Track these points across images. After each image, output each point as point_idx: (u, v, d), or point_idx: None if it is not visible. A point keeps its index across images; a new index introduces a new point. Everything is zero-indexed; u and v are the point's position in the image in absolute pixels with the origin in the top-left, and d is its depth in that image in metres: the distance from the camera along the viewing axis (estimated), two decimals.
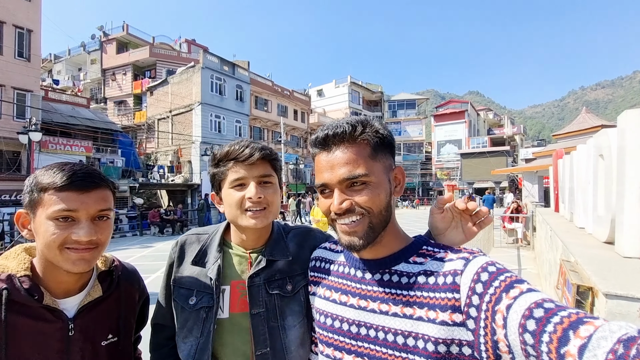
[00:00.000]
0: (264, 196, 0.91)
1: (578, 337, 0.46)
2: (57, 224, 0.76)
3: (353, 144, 0.72)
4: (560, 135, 12.78)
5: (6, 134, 14.21)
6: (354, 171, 0.70)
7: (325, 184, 0.74)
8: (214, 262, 0.94)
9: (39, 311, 0.78)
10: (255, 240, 0.97)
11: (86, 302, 0.86)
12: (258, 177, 0.92)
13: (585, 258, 2.12)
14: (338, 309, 0.79)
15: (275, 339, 0.89)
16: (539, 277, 5.86)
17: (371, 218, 0.72)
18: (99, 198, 0.81)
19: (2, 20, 14.93)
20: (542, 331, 0.49)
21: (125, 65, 28.18)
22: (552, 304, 0.52)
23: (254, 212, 0.90)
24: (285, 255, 0.96)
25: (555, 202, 6.54)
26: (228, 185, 0.92)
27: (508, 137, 43.40)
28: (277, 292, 0.92)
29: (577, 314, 0.49)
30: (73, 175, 0.77)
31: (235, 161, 0.91)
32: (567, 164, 4.81)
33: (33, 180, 0.79)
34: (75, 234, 0.77)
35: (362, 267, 0.79)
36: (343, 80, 41.04)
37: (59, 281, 0.83)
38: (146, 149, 26.40)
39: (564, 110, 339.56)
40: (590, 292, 1.68)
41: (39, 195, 0.77)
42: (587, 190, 3.30)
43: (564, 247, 2.78)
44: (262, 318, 0.90)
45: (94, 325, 0.87)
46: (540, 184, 12.76)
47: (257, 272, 0.93)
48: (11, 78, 15.03)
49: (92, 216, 0.80)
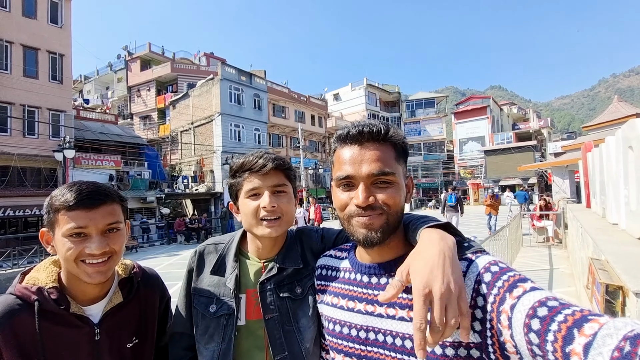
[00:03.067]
0: (278, 205, 0.93)
1: (583, 335, 0.45)
2: (71, 240, 0.83)
3: (384, 143, 0.75)
4: (591, 127, 12.09)
5: (43, 152, 15.19)
6: (385, 168, 0.72)
7: (351, 175, 0.74)
8: (232, 272, 0.97)
9: (67, 318, 0.85)
10: (270, 248, 0.99)
11: (109, 308, 0.92)
12: (272, 187, 0.94)
13: (615, 256, 2.00)
14: (346, 315, 0.79)
15: (292, 343, 0.91)
16: (572, 276, 5.55)
17: (388, 216, 0.73)
18: (106, 213, 0.86)
19: (37, 47, 16.06)
20: (546, 330, 0.48)
21: (149, 81, 29.50)
22: (556, 302, 0.51)
23: (269, 222, 0.92)
24: (297, 263, 0.98)
25: (587, 197, 6.20)
26: (244, 195, 0.96)
27: (534, 131, 41.51)
28: (288, 296, 0.94)
29: (581, 312, 0.48)
30: (79, 195, 0.84)
31: (250, 172, 0.94)
32: (597, 157, 4.56)
33: (48, 201, 0.87)
34: (88, 247, 0.83)
35: (368, 272, 0.79)
36: (359, 82, 40.91)
37: (82, 290, 0.90)
38: (170, 160, 27.41)
39: (594, 100, 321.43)
40: (620, 291, 1.59)
41: (54, 215, 0.85)
42: (618, 184, 3.11)
43: (594, 244, 2.64)
44: (277, 322, 0.92)
45: (118, 329, 0.93)
46: (572, 179, 12.10)
47: (267, 278, 0.95)
48: (46, 100, 16.10)
49: (101, 230, 0.86)
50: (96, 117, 21.50)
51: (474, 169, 39.46)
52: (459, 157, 41.44)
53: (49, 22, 16.63)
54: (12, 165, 14.65)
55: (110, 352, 0.90)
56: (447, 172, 42.10)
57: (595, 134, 10.93)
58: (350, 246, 0.90)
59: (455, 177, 41.25)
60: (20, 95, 15.30)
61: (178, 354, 1.03)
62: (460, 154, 41.39)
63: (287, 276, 0.97)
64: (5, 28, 15.12)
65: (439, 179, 40.59)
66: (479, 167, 38.52)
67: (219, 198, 21.69)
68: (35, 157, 15.14)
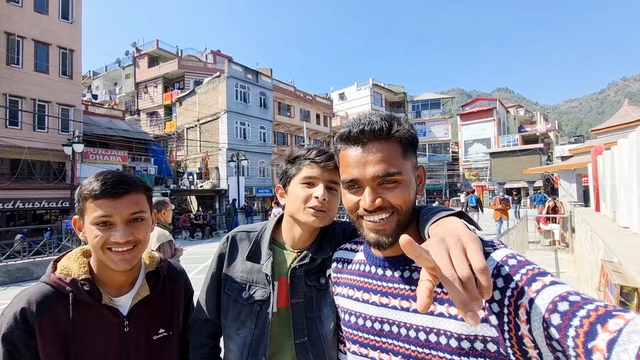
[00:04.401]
0: (328, 200, 0.96)
1: (607, 331, 0.43)
2: (98, 228, 0.86)
3: (388, 141, 0.72)
4: (600, 130, 11.96)
5: (53, 146, 15.39)
6: (389, 169, 0.70)
7: (356, 179, 0.73)
8: (267, 259, 1.00)
9: (99, 309, 0.88)
10: (306, 238, 1.02)
11: (137, 300, 0.95)
12: (328, 182, 0.97)
13: (629, 258, 2.00)
14: (361, 306, 0.80)
15: (313, 329, 0.94)
16: (580, 280, 5.52)
17: (399, 216, 0.72)
18: (130, 202, 0.89)
19: (48, 42, 16.25)
20: (567, 325, 0.47)
21: (156, 78, 29.69)
22: (578, 297, 0.50)
23: (316, 211, 0.95)
24: (327, 252, 1.01)
25: (596, 200, 6.15)
26: (300, 180, 0.98)
27: (541, 134, 41.16)
28: (314, 284, 0.98)
29: (605, 307, 0.46)
30: (105, 184, 0.86)
31: (312, 162, 0.98)
32: (608, 160, 4.53)
33: (79, 190, 0.90)
34: (114, 236, 0.86)
35: (383, 265, 0.80)
36: (365, 82, 40.81)
37: (111, 278, 0.92)
38: (176, 157, 27.58)
39: (603, 103, 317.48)
40: (635, 293, 1.59)
41: (83, 204, 0.88)
42: (631, 187, 3.10)
43: (605, 247, 2.63)
44: (301, 308, 0.96)
45: (146, 321, 0.96)
46: (579, 183, 12.00)
47: (300, 265, 0.99)
48: (56, 95, 16.29)
49: (126, 219, 0.88)
50: (104, 112, 21.69)
51: (479, 171, 39.21)
52: (464, 158, 41.20)
53: (60, 17, 16.81)
54: (22, 158, 14.86)
55: (137, 344, 0.93)
56: (452, 173, 41.88)
57: (605, 137, 10.81)
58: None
59: (460, 179, 41.04)
60: (31, 90, 15.50)
61: (200, 341, 1.04)
62: (465, 156, 41.15)
63: (316, 266, 1.00)
64: (17, 23, 15.30)
65: (444, 181, 40.39)
66: (484, 169, 38.28)
67: (224, 195, 21.79)
68: (44, 150, 15.33)
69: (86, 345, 0.85)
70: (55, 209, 16.44)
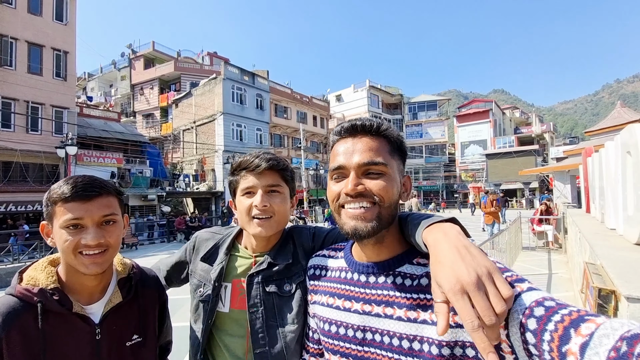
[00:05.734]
0: (270, 205, 0.95)
1: (579, 335, 0.44)
2: (68, 231, 0.84)
3: (377, 136, 0.75)
4: (593, 132, 12.03)
5: (46, 148, 15.28)
6: (375, 158, 0.72)
7: (342, 165, 0.74)
8: (219, 263, 1.01)
9: (70, 318, 0.86)
10: (264, 245, 1.01)
11: (109, 307, 0.93)
12: (266, 187, 0.96)
13: (609, 260, 2.01)
14: (342, 315, 0.78)
15: (274, 339, 0.91)
16: (571, 281, 5.54)
17: (380, 209, 0.71)
18: (101, 205, 0.87)
19: (42, 44, 16.16)
20: (543, 330, 0.48)
21: (152, 79, 29.63)
22: (553, 302, 0.51)
23: (260, 220, 0.94)
24: (287, 258, 0.99)
25: (586, 202, 6.19)
26: (239, 192, 0.99)
27: (537, 135, 41.43)
28: (275, 291, 0.95)
29: (578, 312, 0.48)
30: (75, 187, 0.85)
31: (247, 170, 0.98)
32: (596, 162, 4.56)
33: (47, 195, 0.88)
34: (84, 239, 0.84)
35: (366, 271, 0.78)
36: (362, 84, 40.94)
37: (82, 283, 0.90)
38: (172, 159, 27.50)
39: (598, 105, 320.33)
40: (612, 295, 1.60)
41: (52, 208, 0.86)
42: (617, 189, 3.12)
43: (590, 249, 2.64)
44: (260, 316, 0.94)
45: (118, 328, 0.94)
46: (573, 184, 12.06)
47: (256, 272, 0.97)
48: (50, 97, 16.19)
49: (97, 222, 0.86)
50: (99, 114, 21.58)
51: (475, 172, 39.39)
52: (460, 160, 41.40)
53: (54, 19, 16.74)
54: (14, 160, 14.74)
55: (109, 351, 0.91)
56: (449, 175, 42.04)
57: (597, 139, 10.89)
58: (345, 245, 0.89)
59: (456, 180, 41.20)
60: (24, 92, 15.39)
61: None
62: (462, 157, 41.34)
63: (277, 272, 0.98)
64: (10, 24, 15.21)
65: (440, 182, 40.54)
66: (481, 170, 38.47)
67: (220, 197, 21.74)
68: (37, 153, 15.22)
69: (57, 355, 0.83)
70: None
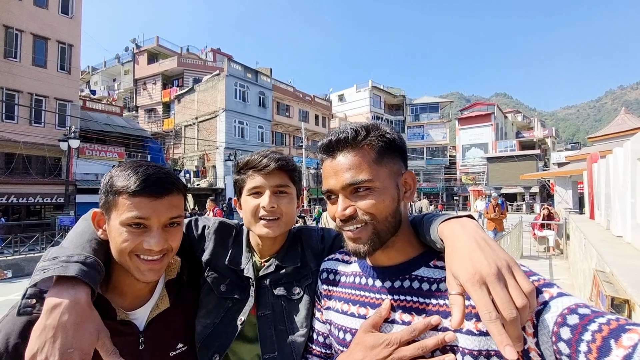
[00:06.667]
0: (278, 206, 0.92)
1: (621, 346, 0.41)
2: (129, 230, 0.74)
3: (356, 148, 0.71)
4: (597, 138, 12.05)
5: (49, 141, 15.27)
6: (357, 177, 0.68)
7: (330, 189, 0.73)
8: (247, 262, 0.97)
9: (113, 326, 0.75)
10: (270, 246, 0.98)
11: (155, 313, 0.84)
12: (274, 187, 0.93)
13: (621, 268, 2.00)
14: (358, 323, 0.74)
15: (283, 344, 0.88)
16: (573, 287, 5.54)
17: (375, 225, 0.69)
18: (170, 205, 0.78)
19: (47, 36, 16.15)
20: (578, 340, 0.45)
21: (155, 75, 29.59)
22: (588, 310, 0.48)
23: (268, 222, 0.91)
24: (296, 262, 0.96)
25: (591, 208, 6.18)
26: (246, 192, 0.96)
27: (538, 140, 41.43)
28: (284, 295, 0.93)
29: (617, 321, 0.45)
30: (146, 180, 0.75)
31: (254, 170, 0.94)
32: (603, 168, 4.55)
33: (109, 180, 0.77)
34: (147, 242, 0.75)
35: (380, 276, 0.75)
36: (364, 84, 40.92)
37: (130, 286, 0.81)
38: (173, 154, 27.50)
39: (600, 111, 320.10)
40: (626, 305, 1.59)
41: (113, 197, 0.75)
42: (625, 196, 3.11)
43: (598, 256, 2.63)
44: (269, 321, 0.91)
45: (163, 337, 0.85)
46: (575, 190, 12.08)
47: (265, 275, 0.95)
48: (54, 90, 16.19)
49: (163, 224, 0.77)
50: (102, 108, 21.59)
51: (476, 175, 39.39)
52: (461, 162, 41.39)
53: (60, 12, 16.73)
54: (17, 152, 14.74)
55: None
56: (449, 177, 42.03)
57: (600, 145, 10.89)
58: None
59: (457, 183, 41.19)
60: (28, 84, 15.39)
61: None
62: (463, 160, 41.34)
63: (285, 275, 0.95)
64: (16, 17, 15.20)
65: (441, 184, 40.53)
66: (481, 173, 38.46)
67: (221, 194, 21.72)
68: (40, 145, 15.21)
69: None
70: (50, 205, 16.31)
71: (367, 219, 0.69)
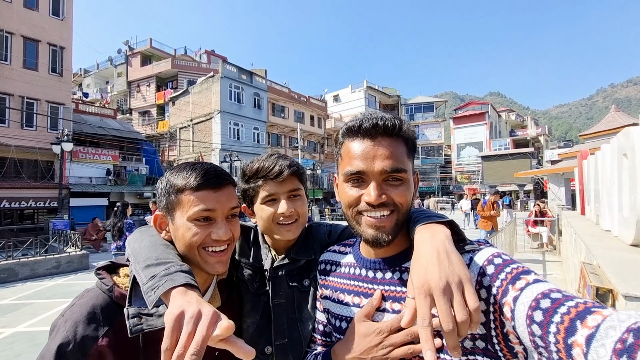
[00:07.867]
0: (295, 209, 0.96)
1: (585, 326, 0.44)
2: (197, 224, 0.77)
3: (398, 139, 0.72)
4: (588, 136, 12.22)
5: (41, 144, 15.12)
6: (398, 165, 0.70)
7: (363, 171, 0.71)
8: (267, 256, 1.01)
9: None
10: (286, 243, 1.02)
11: None
12: (288, 193, 0.96)
13: (606, 260, 2.05)
14: (351, 311, 0.79)
15: (293, 331, 0.94)
16: (565, 282, 5.62)
17: (398, 215, 0.72)
18: (230, 196, 0.82)
19: (37, 38, 15.98)
20: (549, 322, 0.48)
21: (149, 77, 29.41)
22: (559, 294, 0.51)
23: (287, 225, 0.95)
24: (309, 254, 1.00)
25: (581, 204, 6.28)
26: (260, 200, 0.96)
27: (532, 138, 41.85)
28: (296, 285, 0.98)
29: (584, 304, 0.48)
30: (206, 174, 0.78)
31: (265, 179, 0.95)
32: (592, 165, 4.63)
33: (167, 182, 0.80)
34: (215, 233, 0.78)
35: (373, 267, 0.79)
36: (359, 85, 41.02)
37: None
38: (168, 157, 27.32)
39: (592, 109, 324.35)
40: (610, 294, 1.64)
41: (176, 197, 0.78)
42: (612, 191, 3.17)
43: (586, 249, 2.69)
44: (283, 309, 0.96)
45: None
46: (567, 187, 12.23)
47: (280, 266, 0.99)
48: (46, 93, 16.02)
49: (226, 214, 0.81)
50: (95, 111, 21.40)
51: (471, 174, 39.67)
52: (456, 161, 41.65)
53: (51, 14, 16.55)
54: (9, 156, 14.57)
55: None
56: (444, 176, 42.27)
57: (592, 142, 11.05)
58: (354, 241, 0.90)
59: (452, 182, 41.44)
60: (19, 87, 15.23)
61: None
62: (458, 159, 41.60)
63: (299, 267, 1.00)
64: (6, 19, 15.03)
65: (436, 183, 40.74)
66: (476, 172, 38.74)
67: None
68: (32, 149, 15.05)
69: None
70: (43, 209, 16.13)
71: (393, 208, 0.71)
